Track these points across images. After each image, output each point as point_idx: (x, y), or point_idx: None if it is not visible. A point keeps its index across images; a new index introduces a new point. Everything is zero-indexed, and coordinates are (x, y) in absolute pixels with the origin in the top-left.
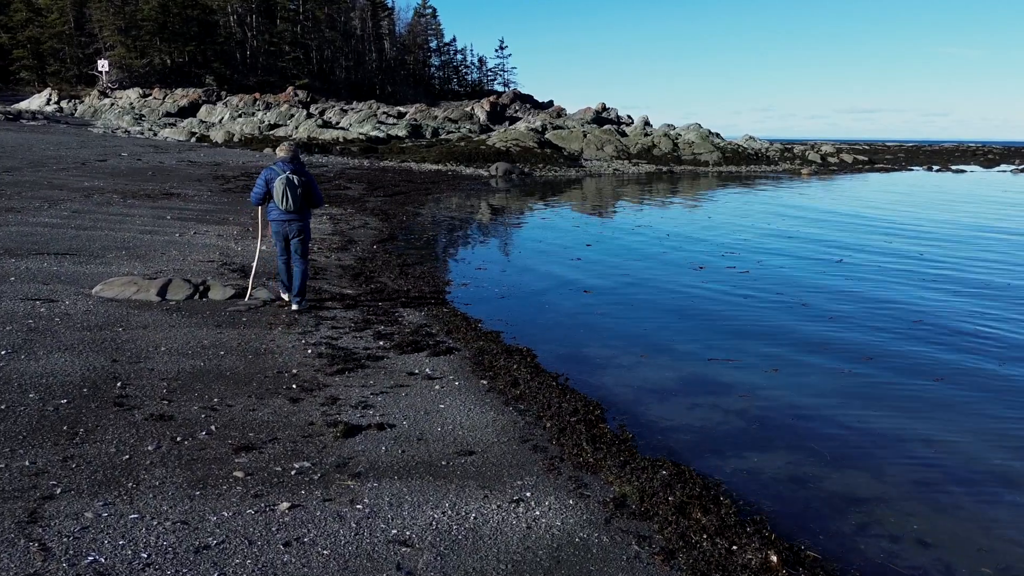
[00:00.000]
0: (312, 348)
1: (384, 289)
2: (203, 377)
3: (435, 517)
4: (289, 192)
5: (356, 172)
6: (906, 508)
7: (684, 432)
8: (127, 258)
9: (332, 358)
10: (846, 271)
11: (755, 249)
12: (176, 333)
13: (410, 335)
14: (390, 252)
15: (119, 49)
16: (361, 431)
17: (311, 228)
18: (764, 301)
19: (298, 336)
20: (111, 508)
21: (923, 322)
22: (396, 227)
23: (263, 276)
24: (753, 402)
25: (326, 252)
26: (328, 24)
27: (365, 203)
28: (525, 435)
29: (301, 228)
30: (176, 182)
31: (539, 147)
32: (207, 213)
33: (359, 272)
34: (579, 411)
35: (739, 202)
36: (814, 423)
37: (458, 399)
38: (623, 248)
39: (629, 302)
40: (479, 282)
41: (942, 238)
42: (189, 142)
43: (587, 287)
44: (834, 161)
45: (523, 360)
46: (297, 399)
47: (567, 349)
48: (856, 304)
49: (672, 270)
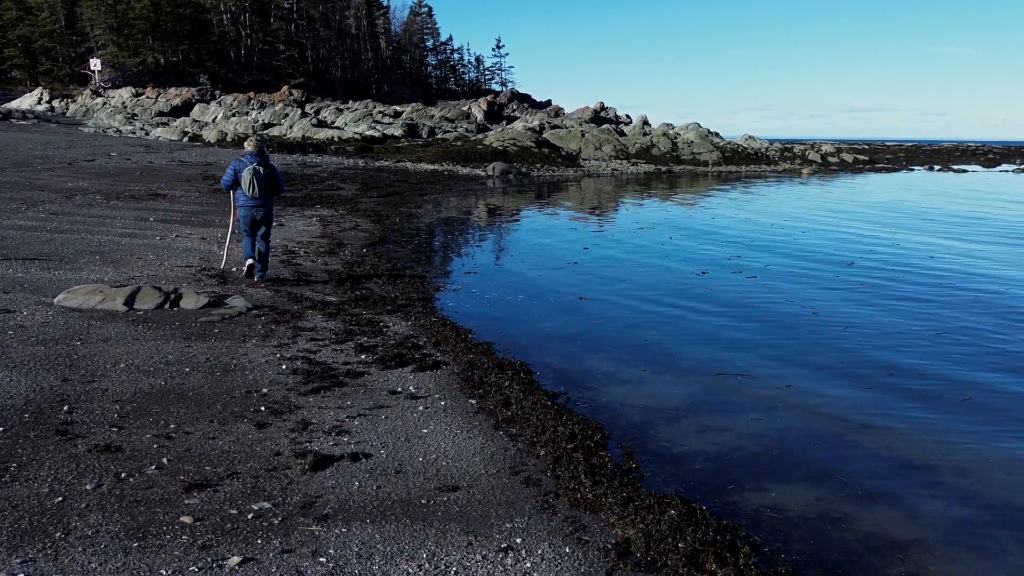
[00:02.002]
0: (287, 363)
1: (370, 296)
2: (162, 399)
3: (409, 573)
4: (256, 181)
5: (350, 172)
6: (950, 554)
7: (694, 461)
8: (100, 263)
9: (308, 375)
10: (859, 274)
11: (762, 251)
12: (139, 347)
13: (395, 348)
14: (380, 256)
15: (111, 48)
16: (333, 463)
17: (273, 213)
18: (772, 309)
19: (273, 349)
20: (30, 567)
21: (947, 332)
22: (388, 229)
23: (240, 283)
24: (767, 424)
25: (312, 256)
26: (323, 23)
27: (358, 204)
28: (516, 465)
29: (266, 213)
30: (164, 182)
31: (537, 147)
32: (193, 215)
33: (345, 278)
34: (577, 436)
35: (742, 203)
36: (836, 449)
37: (443, 422)
38: (622, 252)
39: (629, 310)
40: (471, 288)
41: (949, 235)
42: (181, 142)
43: (584, 294)
44: (834, 161)
45: (516, 376)
46: (265, 424)
47: (563, 363)
48: (871, 311)
49: (674, 276)
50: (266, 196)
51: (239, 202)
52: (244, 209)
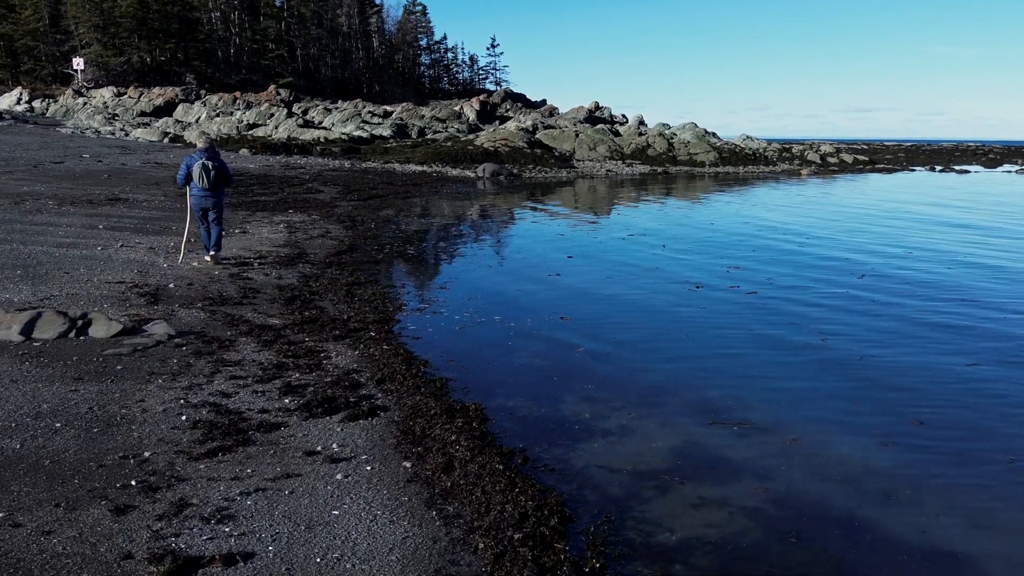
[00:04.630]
0: (190, 413)
1: (320, 317)
2: (8, 470)
3: None
4: (204, 174)
5: (334, 174)
6: None
7: (682, 555)
8: (19, 279)
9: (211, 429)
10: (871, 289)
11: (761, 260)
12: (11, 394)
13: (329, 387)
14: (344, 267)
15: (95, 47)
16: (198, 570)
17: (223, 202)
18: (775, 335)
19: (180, 393)
20: None
21: (979, 365)
22: (360, 236)
23: (174, 302)
24: (774, 495)
25: (268, 268)
26: (314, 21)
27: (334, 208)
28: (444, 567)
29: (216, 203)
30: (131, 186)
31: (529, 147)
32: (150, 221)
33: (297, 295)
34: (529, 517)
35: (739, 206)
36: (863, 532)
37: (363, 497)
38: (611, 261)
39: (612, 334)
40: (439, 305)
41: (967, 244)
42: (161, 143)
43: (565, 313)
44: (834, 161)
45: (467, 425)
46: (127, 508)
47: (530, 404)
48: (888, 337)
49: (665, 291)
50: (216, 187)
51: (192, 192)
52: (196, 199)
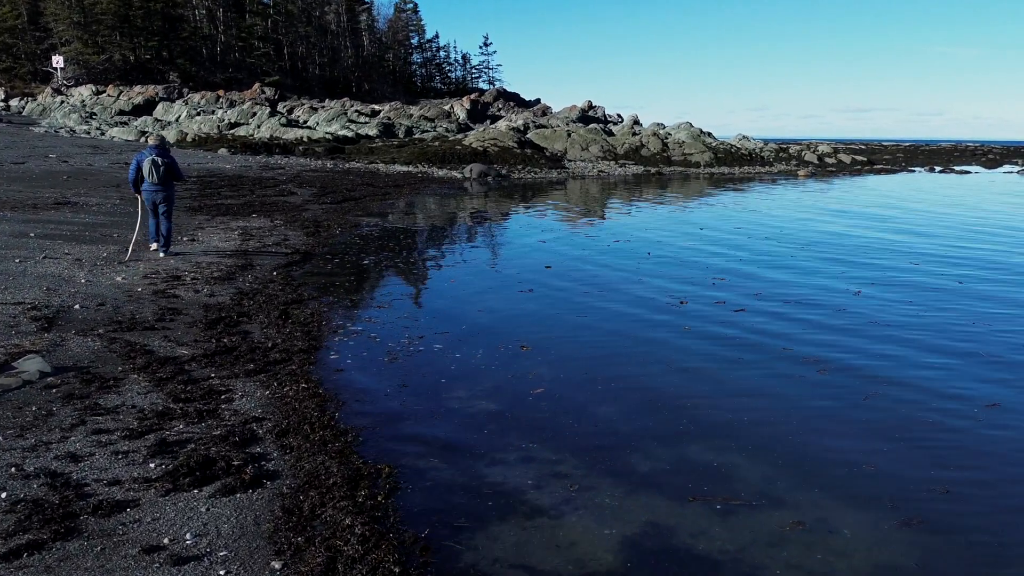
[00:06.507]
0: (17, 485)
1: (238, 346)
2: None
3: None
4: (154, 169)
5: (313, 175)
6: None
7: None
8: None
9: (32, 512)
10: (872, 306)
11: (751, 274)
12: None
13: (215, 444)
14: (289, 281)
15: (76, 44)
16: None
17: (173, 197)
18: (765, 366)
19: (18, 455)
20: None
21: (1000, 406)
22: (319, 244)
23: (71, 328)
24: None
25: (202, 283)
26: (302, 18)
27: (302, 213)
28: None
29: (166, 197)
30: (87, 188)
31: (519, 147)
32: (91, 228)
33: (223, 316)
34: None
35: (733, 209)
36: None
37: None
38: (591, 273)
39: (579, 370)
40: (384, 328)
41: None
42: (138, 142)
43: (529, 340)
44: (831, 162)
45: (369, 501)
46: None
47: (462, 465)
48: (896, 367)
49: (645, 309)
50: (165, 182)
51: (144, 187)
52: (147, 193)
